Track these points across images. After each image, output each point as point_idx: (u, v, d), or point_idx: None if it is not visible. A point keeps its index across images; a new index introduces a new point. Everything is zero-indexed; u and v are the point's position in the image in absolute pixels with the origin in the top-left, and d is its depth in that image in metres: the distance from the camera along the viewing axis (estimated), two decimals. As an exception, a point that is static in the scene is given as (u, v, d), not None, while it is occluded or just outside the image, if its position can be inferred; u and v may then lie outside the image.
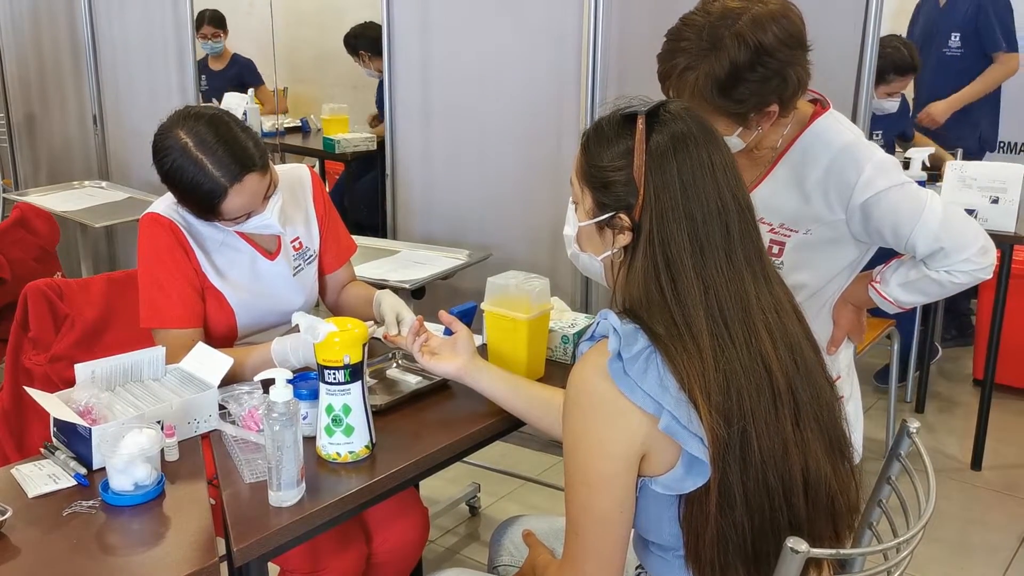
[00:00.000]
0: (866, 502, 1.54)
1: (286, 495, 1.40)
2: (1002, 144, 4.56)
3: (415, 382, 1.82)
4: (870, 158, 1.66)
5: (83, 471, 1.48)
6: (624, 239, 1.27)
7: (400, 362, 1.91)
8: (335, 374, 1.49)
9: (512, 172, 3.23)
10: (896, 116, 3.89)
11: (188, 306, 1.86)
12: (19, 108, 4.82)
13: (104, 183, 4.13)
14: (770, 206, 1.71)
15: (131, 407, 1.59)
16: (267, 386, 1.50)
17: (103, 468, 1.45)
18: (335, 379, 1.49)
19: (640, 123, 1.24)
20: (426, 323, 1.76)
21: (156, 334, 1.86)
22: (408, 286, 2.68)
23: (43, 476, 1.48)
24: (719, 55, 1.55)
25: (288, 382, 1.42)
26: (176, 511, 1.40)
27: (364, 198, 4.63)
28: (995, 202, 2.99)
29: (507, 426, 1.71)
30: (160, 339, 1.83)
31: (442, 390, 1.82)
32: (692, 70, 1.57)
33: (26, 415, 2.00)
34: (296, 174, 2.07)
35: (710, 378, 1.17)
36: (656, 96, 1.35)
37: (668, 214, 1.21)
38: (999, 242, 2.12)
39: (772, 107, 1.61)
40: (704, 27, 1.56)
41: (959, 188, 3.04)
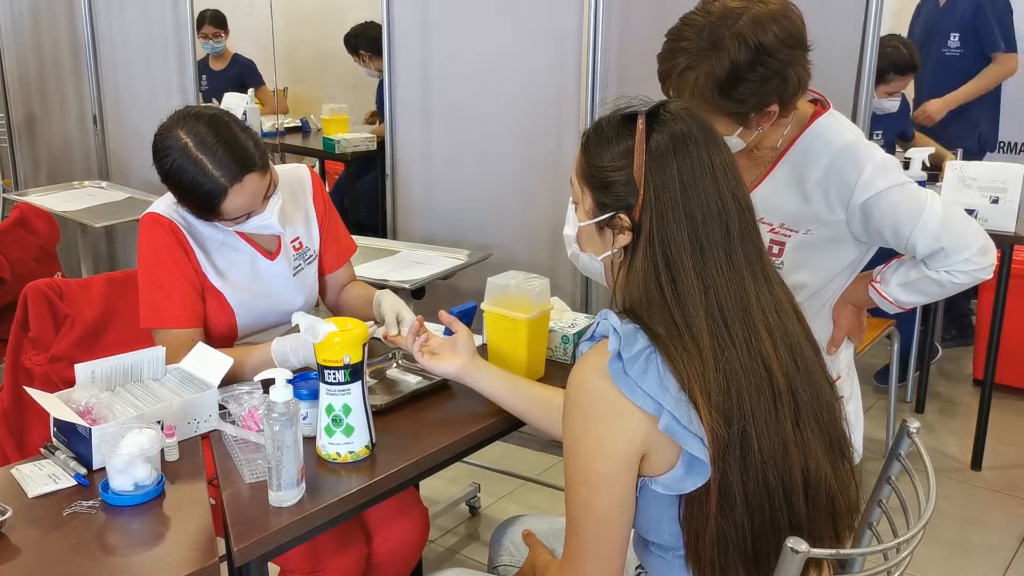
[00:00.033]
0: (866, 502, 1.54)
1: (286, 495, 1.40)
2: (1002, 144, 4.56)
3: (415, 382, 1.82)
4: (870, 158, 1.66)
5: (83, 471, 1.48)
6: (624, 239, 1.27)
7: (400, 362, 1.91)
8: (335, 374, 1.49)
9: (512, 172, 3.23)
10: (896, 116, 3.89)
11: (188, 306, 1.86)
12: (19, 108, 4.82)
13: (104, 183, 4.13)
14: (770, 206, 1.71)
15: (131, 407, 1.59)
16: (267, 386, 1.50)
17: (103, 468, 1.45)
18: (335, 379, 1.49)
19: (640, 123, 1.24)
20: (426, 323, 1.76)
21: (156, 334, 1.86)
22: (408, 286, 2.68)
23: (43, 476, 1.48)
24: (719, 55, 1.55)
25: (288, 382, 1.42)
26: (176, 511, 1.40)
27: (364, 198, 4.63)
28: (995, 202, 2.99)
29: (507, 426, 1.71)
30: (160, 339, 1.83)
31: (442, 390, 1.82)
32: (692, 70, 1.57)
33: (26, 415, 2.00)
34: (296, 174, 2.07)
35: (710, 378, 1.17)
36: (656, 96, 1.35)
37: (668, 214, 1.21)
38: (999, 242, 2.12)
39: (772, 107, 1.61)
40: (704, 27, 1.56)
41: (959, 188, 3.04)
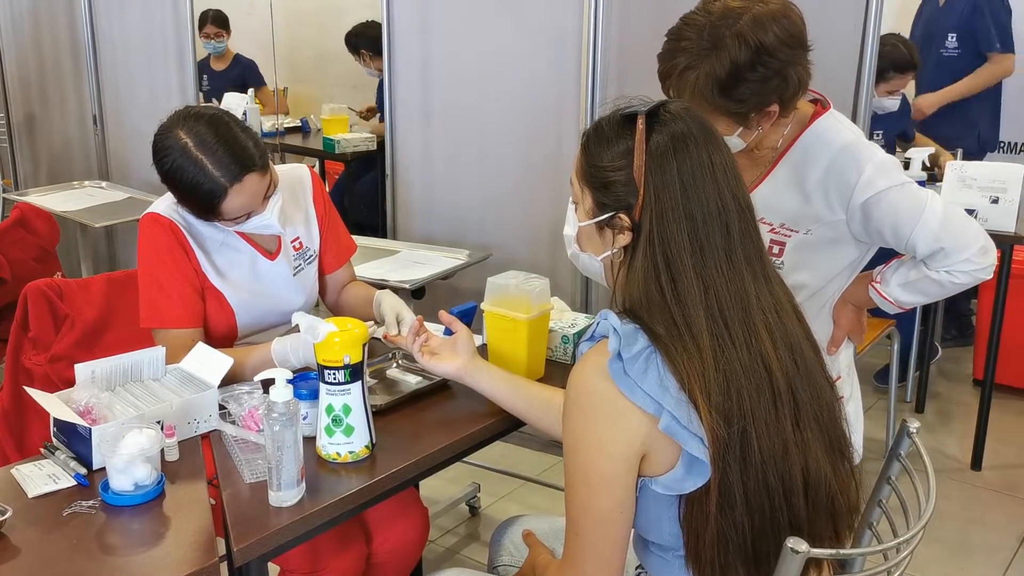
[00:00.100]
0: (866, 502, 1.53)
1: (286, 495, 1.40)
2: (1002, 144, 4.56)
3: (415, 382, 1.82)
4: (870, 158, 1.66)
5: (83, 471, 1.48)
6: (624, 239, 1.27)
7: (400, 362, 1.91)
8: (335, 374, 1.49)
9: (512, 172, 3.23)
10: (896, 116, 3.89)
11: (188, 306, 1.86)
12: (19, 108, 4.82)
13: (104, 183, 4.13)
14: (770, 206, 1.71)
15: (131, 407, 1.59)
16: (267, 386, 1.49)
17: (103, 468, 1.45)
18: (335, 379, 1.49)
19: (640, 123, 1.24)
20: (426, 323, 1.76)
21: (156, 334, 1.86)
22: (408, 286, 2.68)
23: (43, 476, 1.48)
24: (720, 55, 1.55)
25: (288, 382, 1.42)
26: (176, 511, 1.40)
27: (364, 198, 4.63)
28: (995, 202, 2.99)
29: (507, 426, 1.71)
30: (160, 339, 1.83)
31: (442, 390, 1.82)
32: (693, 70, 1.57)
33: (26, 415, 2.00)
34: (296, 174, 2.07)
35: (710, 378, 1.17)
36: (656, 96, 1.35)
37: (668, 214, 1.21)
38: (999, 242, 2.11)
39: (772, 107, 1.61)
40: (705, 27, 1.56)
41: (959, 188, 3.04)
